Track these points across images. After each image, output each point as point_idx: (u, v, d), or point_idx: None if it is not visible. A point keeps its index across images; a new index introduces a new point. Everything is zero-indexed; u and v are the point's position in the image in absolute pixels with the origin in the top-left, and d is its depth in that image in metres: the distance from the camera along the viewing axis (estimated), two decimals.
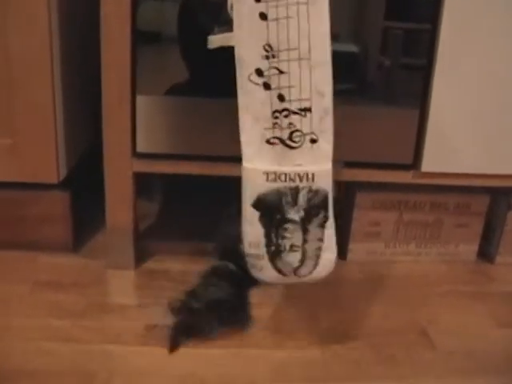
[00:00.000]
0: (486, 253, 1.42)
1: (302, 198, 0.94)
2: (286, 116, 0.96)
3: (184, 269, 1.28)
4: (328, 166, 0.96)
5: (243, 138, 0.97)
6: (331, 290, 1.23)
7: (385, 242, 1.36)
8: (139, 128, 1.16)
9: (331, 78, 0.96)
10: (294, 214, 0.94)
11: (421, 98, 1.20)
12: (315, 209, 0.94)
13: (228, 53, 1.06)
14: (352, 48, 1.17)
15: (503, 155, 1.24)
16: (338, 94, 1.18)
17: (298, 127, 0.96)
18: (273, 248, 0.96)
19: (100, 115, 1.15)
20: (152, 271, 1.27)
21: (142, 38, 1.12)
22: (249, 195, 0.96)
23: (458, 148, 1.22)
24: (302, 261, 0.97)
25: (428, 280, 1.32)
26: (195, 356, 1.02)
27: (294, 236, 0.95)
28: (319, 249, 0.96)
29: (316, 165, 0.96)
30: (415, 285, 1.29)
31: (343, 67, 1.16)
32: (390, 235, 1.36)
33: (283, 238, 0.96)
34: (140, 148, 1.17)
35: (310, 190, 0.94)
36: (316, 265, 0.97)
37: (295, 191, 0.94)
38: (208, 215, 1.37)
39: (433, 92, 1.18)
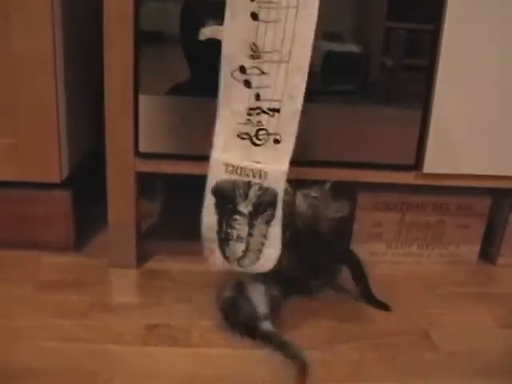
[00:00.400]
0: (487, 254, 1.42)
1: (253, 193, 1.00)
2: (257, 114, 1.00)
3: (185, 269, 1.28)
4: (285, 167, 1.00)
5: (218, 128, 1.01)
6: (332, 290, 1.23)
7: (386, 243, 1.36)
8: (142, 128, 1.16)
9: (305, 82, 0.98)
10: (244, 208, 1.00)
11: (423, 99, 1.20)
12: (263, 206, 1.00)
13: None
14: (354, 49, 1.17)
15: (505, 156, 1.24)
16: (340, 95, 1.19)
17: (265, 126, 1.00)
18: (222, 235, 1.03)
19: (103, 115, 1.15)
20: (153, 271, 1.27)
21: (145, 38, 1.12)
22: (209, 182, 1.02)
23: (460, 149, 1.22)
24: (245, 252, 1.02)
25: (430, 281, 1.32)
26: (196, 356, 1.02)
27: (241, 228, 1.01)
28: (262, 244, 1.02)
29: (273, 165, 1.00)
30: (417, 286, 1.29)
31: (345, 68, 1.16)
32: (391, 236, 1.36)
33: (232, 227, 1.02)
34: (142, 148, 1.18)
35: (261, 188, 1.00)
36: (257, 259, 1.03)
37: (247, 185, 1.00)
38: None
39: (435, 93, 1.18)
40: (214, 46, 1.08)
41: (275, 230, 1.01)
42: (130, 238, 1.25)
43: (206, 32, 1.03)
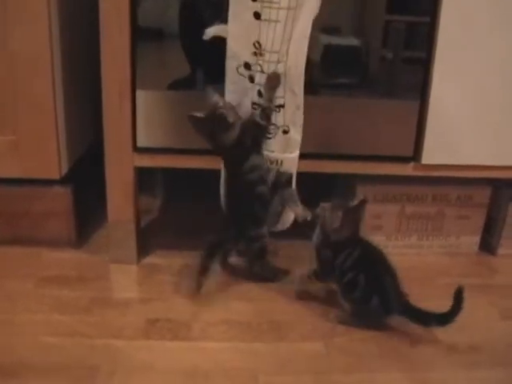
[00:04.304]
0: (488, 245, 1.42)
1: (272, 176, 1.15)
2: None
3: (185, 263, 1.28)
4: (296, 153, 1.15)
5: None
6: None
7: (386, 235, 1.36)
8: (139, 123, 1.17)
9: (303, 78, 1.07)
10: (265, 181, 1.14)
11: (421, 91, 1.20)
12: (281, 185, 1.16)
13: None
14: (354, 42, 1.17)
15: (504, 146, 1.24)
16: (339, 88, 1.19)
17: (273, 121, 1.10)
18: None
19: (101, 110, 1.15)
20: (154, 266, 1.28)
21: (144, 35, 1.13)
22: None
23: (459, 140, 1.22)
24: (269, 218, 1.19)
25: (430, 272, 1.32)
26: (197, 350, 1.02)
27: (265, 190, 1.14)
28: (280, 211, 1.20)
29: (286, 153, 1.14)
30: (417, 277, 1.29)
31: (345, 61, 1.17)
32: (391, 228, 1.36)
33: None
34: (140, 143, 1.18)
35: (278, 171, 1.15)
36: (277, 222, 1.21)
37: (265, 172, 1.14)
38: (209, 210, 1.37)
39: (432, 84, 1.18)
40: (214, 41, 1.08)
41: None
42: (130, 233, 1.25)
43: (211, 31, 1.08)
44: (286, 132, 1.12)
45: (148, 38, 1.14)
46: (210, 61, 1.15)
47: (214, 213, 1.17)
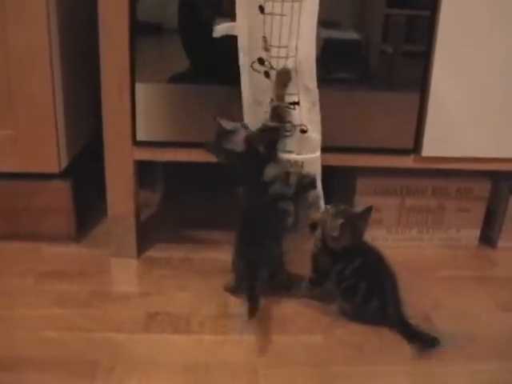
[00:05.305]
0: (487, 238, 1.42)
1: (293, 180, 1.10)
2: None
3: (185, 257, 1.28)
4: (317, 154, 1.11)
5: (246, 119, 1.09)
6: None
7: (387, 228, 1.36)
8: (139, 116, 1.16)
9: (315, 73, 1.05)
10: (287, 191, 1.09)
11: (421, 84, 1.19)
12: (304, 188, 1.12)
13: (228, 42, 1.07)
14: (354, 36, 1.17)
15: (504, 139, 1.24)
16: (340, 81, 1.19)
17: (289, 119, 1.08)
18: None
19: (100, 104, 1.15)
20: (154, 259, 1.28)
21: (143, 29, 1.12)
22: None
23: (459, 132, 1.22)
24: (295, 223, 1.13)
25: (430, 265, 1.32)
26: (197, 343, 1.02)
27: (289, 205, 1.10)
28: (307, 215, 1.14)
29: (306, 153, 1.11)
30: (418, 270, 1.29)
31: (346, 55, 1.16)
32: (392, 221, 1.36)
33: None
34: (140, 136, 1.18)
35: (300, 174, 1.11)
36: (305, 226, 1.15)
37: (287, 175, 1.10)
38: (209, 205, 1.38)
39: (432, 77, 1.17)
40: (214, 37, 1.08)
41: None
42: (130, 227, 1.25)
43: (220, 29, 1.07)
44: (303, 131, 1.09)
45: (147, 33, 1.13)
46: (209, 56, 1.15)
47: (214, 207, 1.17)
